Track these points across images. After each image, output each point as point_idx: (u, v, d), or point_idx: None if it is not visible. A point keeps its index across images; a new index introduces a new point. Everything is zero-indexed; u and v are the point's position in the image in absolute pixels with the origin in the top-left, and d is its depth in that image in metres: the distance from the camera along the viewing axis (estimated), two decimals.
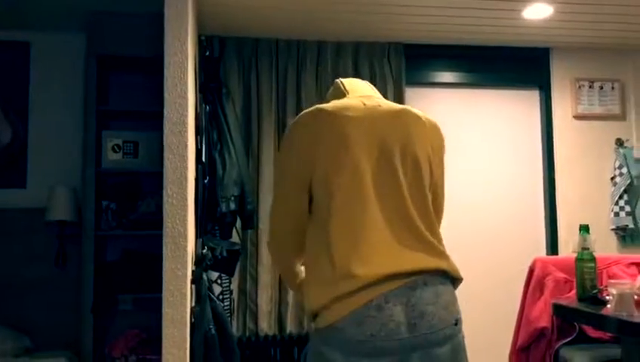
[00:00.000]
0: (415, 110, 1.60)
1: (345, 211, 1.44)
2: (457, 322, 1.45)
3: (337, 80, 1.70)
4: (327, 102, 1.59)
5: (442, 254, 1.49)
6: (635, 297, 2.18)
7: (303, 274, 1.64)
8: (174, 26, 2.65)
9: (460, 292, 4.08)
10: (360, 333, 1.35)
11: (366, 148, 1.48)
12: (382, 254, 1.41)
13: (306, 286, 1.49)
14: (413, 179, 1.50)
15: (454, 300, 1.47)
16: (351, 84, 1.68)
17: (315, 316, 1.45)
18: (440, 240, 1.52)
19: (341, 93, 1.65)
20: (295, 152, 1.53)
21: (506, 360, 3.00)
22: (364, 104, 1.55)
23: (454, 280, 1.51)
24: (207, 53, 3.38)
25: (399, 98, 3.79)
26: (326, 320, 1.40)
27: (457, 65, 4.02)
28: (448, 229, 4.02)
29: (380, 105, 1.56)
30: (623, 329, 2.04)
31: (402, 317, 1.37)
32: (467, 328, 4.46)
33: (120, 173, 3.54)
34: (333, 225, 1.44)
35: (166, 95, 2.61)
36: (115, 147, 3.43)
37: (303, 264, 1.66)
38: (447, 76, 4.02)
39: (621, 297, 2.10)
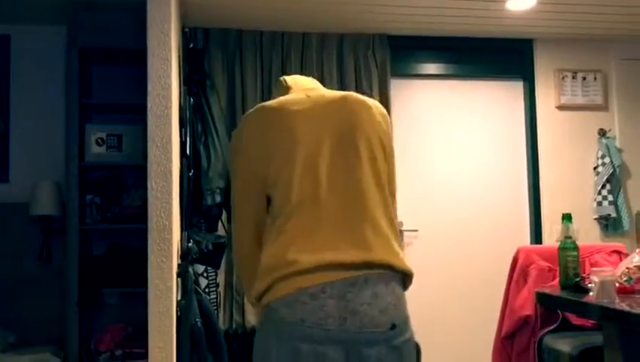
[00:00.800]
0: (360, 96, 1.58)
1: (297, 204, 1.43)
2: (394, 326, 1.38)
3: (280, 77, 1.69)
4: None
5: (391, 248, 1.44)
6: (617, 285, 2.21)
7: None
8: (157, 18, 2.63)
9: (446, 281, 4.08)
10: (290, 315, 1.35)
11: (315, 139, 1.46)
12: (326, 243, 1.40)
13: (260, 265, 1.47)
14: (368, 163, 1.48)
15: (396, 303, 1.40)
16: (294, 80, 1.66)
17: (259, 297, 1.44)
18: (395, 230, 1.49)
19: (284, 90, 1.62)
20: (246, 154, 1.50)
21: (491, 348, 3.03)
22: (308, 96, 1.54)
23: (404, 276, 1.46)
24: (191, 45, 3.36)
25: (384, 89, 3.78)
26: (264, 301, 1.41)
27: (442, 56, 4.03)
28: (433, 219, 4.04)
29: (323, 95, 1.55)
30: (604, 316, 2.07)
31: (334, 310, 1.35)
32: (453, 317, 4.45)
33: (104, 167, 3.52)
34: (284, 217, 1.43)
35: (149, 88, 2.59)
36: (99, 140, 3.40)
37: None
38: (431, 67, 4.02)
39: (603, 285, 2.12)
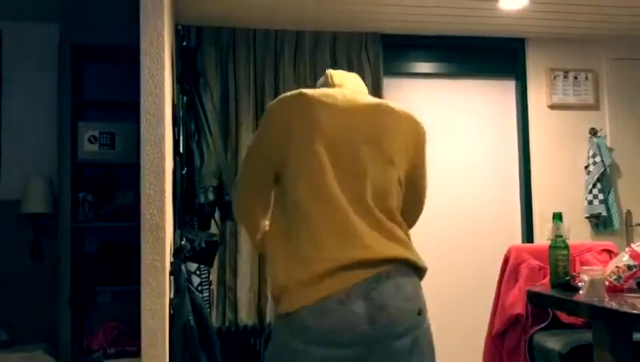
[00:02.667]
0: (392, 104, 1.62)
1: (311, 198, 1.47)
2: (420, 312, 1.46)
3: (327, 70, 1.73)
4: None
5: (405, 244, 1.51)
6: (606, 283, 2.23)
7: (266, 228, 1.65)
8: (150, 16, 2.62)
9: (437, 279, 4.09)
10: (321, 325, 1.37)
11: (334, 136, 1.51)
12: (349, 241, 1.44)
13: (275, 262, 1.50)
14: (380, 170, 1.52)
15: (417, 291, 1.48)
16: (339, 76, 1.71)
17: (278, 300, 1.46)
18: (406, 231, 1.55)
19: (328, 84, 1.68)
20: (268, 134, 1.57)
21: (482, 346, 3.05)
22: (344, 95, 1.58)
23: (418, 269, 1.53)
24: (184, 43, 3.35)
25: (377, 88, 3.80)
26: (289, 307, 1.42)
27: (434, 55, 4.04)
28: (425, 217, 4.06)
29: (358, 99, 1.59)
30: (594, 315, 2.09)
31: (362, 310, 1.39)
32: (444, 315, 4.47)
33: (96, 165, 3.51)
34: (298, 212, 1.47)
35: (142, 86, 2.58)
36: (92, 138, 3.39)
37: (268, 224, 1.65)
38: (424, 66, 4.04)
39: (592, 283, 2.14)
